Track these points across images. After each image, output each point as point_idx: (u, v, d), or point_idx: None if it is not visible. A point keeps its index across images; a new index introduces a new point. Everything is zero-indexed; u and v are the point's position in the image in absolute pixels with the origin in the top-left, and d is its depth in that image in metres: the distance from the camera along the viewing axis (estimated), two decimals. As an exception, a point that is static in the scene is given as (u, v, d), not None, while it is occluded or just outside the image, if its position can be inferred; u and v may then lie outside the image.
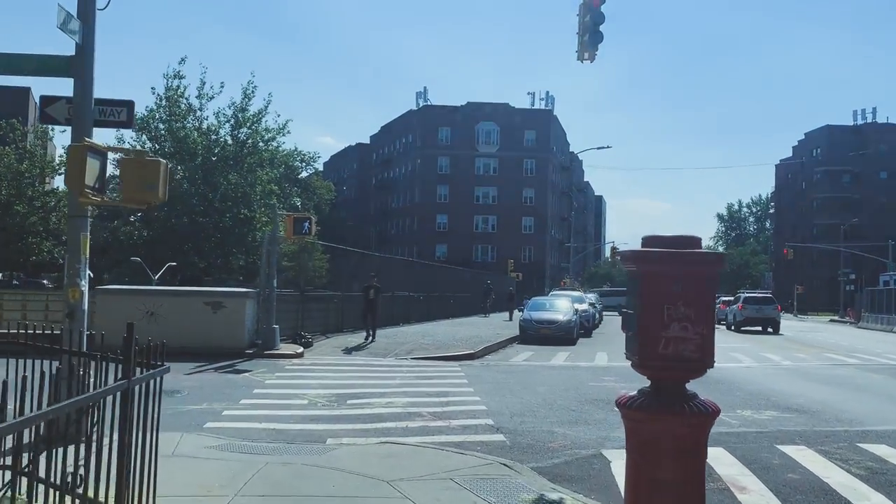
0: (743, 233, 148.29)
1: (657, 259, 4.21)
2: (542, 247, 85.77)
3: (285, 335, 18.65)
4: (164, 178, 7.87)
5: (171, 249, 42.17)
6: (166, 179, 7.94)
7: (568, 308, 25.76)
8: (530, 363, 17.78)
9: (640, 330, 4.29)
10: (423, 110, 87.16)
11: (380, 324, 26.07)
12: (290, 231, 17.68)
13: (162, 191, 7.83)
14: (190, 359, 15.92)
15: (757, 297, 38.84)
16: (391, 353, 18.39)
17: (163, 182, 7.85)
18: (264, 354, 16.82)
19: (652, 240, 4.33)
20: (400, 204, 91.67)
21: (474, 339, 22.60)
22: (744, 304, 37.17)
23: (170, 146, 42.49)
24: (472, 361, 17.67)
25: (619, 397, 4.62)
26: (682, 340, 4.12)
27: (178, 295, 17.55)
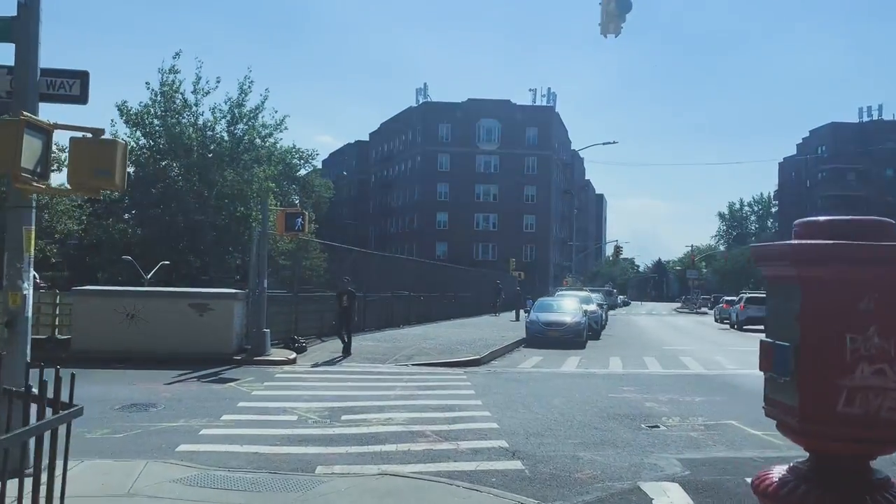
0: (744, 231, 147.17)
1: (835, 256, 2.67)
2: (545, 245, 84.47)
3: (277, 339, 17.41)
4: (122, 161, 6.62)
5: (165, 248, 41.12)
6: (124, 163, 6.68)
7: (576, 309, 24.51)
8: (540, 370, 16.53)
9: (802, 375, 2.74)
10: (424, 107, 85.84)
11: (380, 326, 24.92)
12: (280, 227, 16.41)
13: (119, 177, 6.57)
14: (172, 366, 14.69)
15: (759, 298, 37.58)
16: (390, 358, 17.14)
17: (120, 166, 6.59)
18: (254, 361, 15.57)
19: (815, 226, 2.83)
20: (400, 202, 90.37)
21: (479, 342, 21.35)
22: (745, 304, 37.66)
23: (164, 142, 41.42)
24: (477, 368, 16.42)
25: (760, 478, 3.00)
26: (878, 392, 2.54)
27: (160, 296, 16.29)
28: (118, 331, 15.53)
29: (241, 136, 42.87)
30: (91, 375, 13.38)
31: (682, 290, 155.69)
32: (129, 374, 13.71)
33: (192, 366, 14.70)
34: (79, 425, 9.85)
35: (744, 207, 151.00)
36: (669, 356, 20.62)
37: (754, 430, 9.71)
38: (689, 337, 31.47)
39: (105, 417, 10.03)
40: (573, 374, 15.97)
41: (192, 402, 11.32)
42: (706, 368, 17.72)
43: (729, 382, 14.98)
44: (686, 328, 40.20)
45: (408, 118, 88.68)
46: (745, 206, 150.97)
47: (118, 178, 6.55)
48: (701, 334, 34.16)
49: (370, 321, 24.53)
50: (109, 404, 10.90)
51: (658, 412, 11.15)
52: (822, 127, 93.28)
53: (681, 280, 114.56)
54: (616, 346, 23.94)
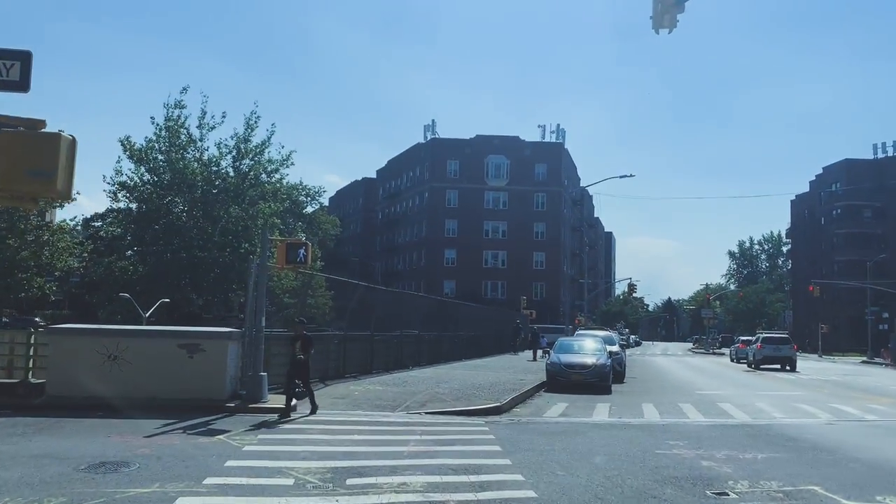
0: (755, 270, 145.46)
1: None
2: (555, 283, 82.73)
3: (276, 383, 15.71)
4: (68, 161, 5.13)
5: (167, 286, 39.85)
6: (71, 164, 5.19)
7: (600, 350, 22.77)
8: (569, 419, 14.76)
9: None
10: (432, 143, 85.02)
11: (388, 367, 23.21)
12: (281, 259, 14.85)
13: (63, 181, 5.08)
14: (158, 413, 13.03)
15: (774, 338, 40.29)
16: (401, 405, 15.42)
17: (65, 168, 5.09)
18: (248, 409, 13.88)
19: None
20: (407, 239, 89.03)
21: (497, 386, 19.61)
22: (762, 344, 38.85)
23: (169, 178, 40.41)
24: (498, 417, 14.68)
25: None
26: None
27: (146, 336, 14.67)
28: (98, 374, 13.91)
29: (246, 172, 41.85)
30: (62, 427, 11.76)
31: (693, 330, 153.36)
32: (106, 425, 12.05)
33: (179, 414, 13.05)
34: (30, 492, 8.24)
35: (754, 246, 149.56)
36: (706, 403, 18.82)
37: (848, 500, 8.00)
38: (717, 379, 29.60)
39: (65, 481, 8.38)
40: (607, 424, 14.21)
41: (173, 460, 9.64)
42: (752, 417, 15.93)
43: (785, 434, 13.22)
44: (708, 369, 38.32)
45: (415, 154, 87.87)
46: (756, 244, 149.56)
47: (61, 181, 5.05)
48: (727, 376, 32.29)
49: (377, 363, 22.83)
50: (75, 463, 9.25)
51: (720, 474, 9.42)
52: (835, 164, 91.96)
53: (694, 319, 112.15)
54: (644, 391, 22.15)
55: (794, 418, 15.91)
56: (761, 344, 39.23)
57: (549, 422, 14.30)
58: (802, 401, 19.94)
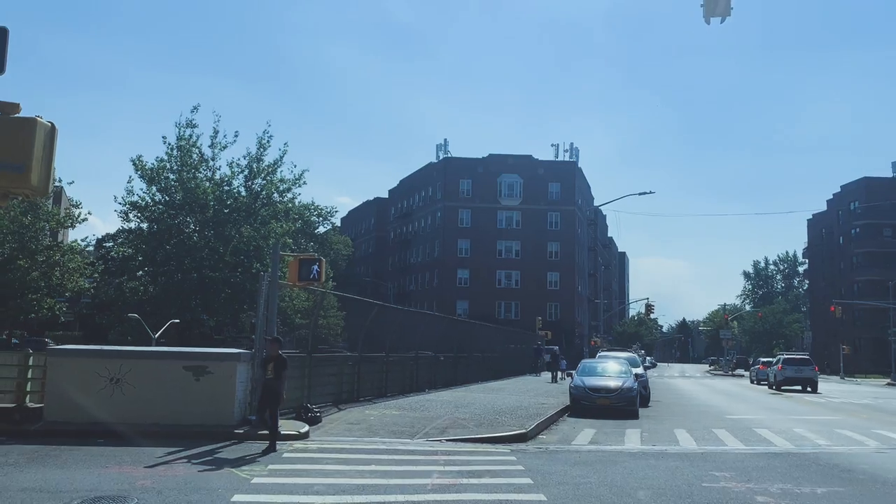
0: (771, 290, 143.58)
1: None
2: (570, 304, 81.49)
3: (287, 408, 14.83)
4: (45, 151, 4.34)
5: (177, 306, 39.27)
6: (50, 155, 4.41)
7: (625, 373, 21.75)
8: (600, 448, 13.77)
9: None
10: (444, 163, 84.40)
11: (404, 391, 22.29)
12: (294, 275, 14.04)
13: (38, 173, 4.29)
14: (162, 440, 12.19)
15: (795, 359, 40.33)
16: (420, 431, 14.50)
17: (41, 158, 4.31)
18: (258, 435, 12.97)
19: None
20: (419, 259, 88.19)
21: (519, 411, 18.64)
22: (783, 365, 38.85)
23: (180, 197, 40.00)
24: (525, 445, 13.72)
25: None
26: None
27: (150, 357, 13.84)
28: (99, 398, 13.10)
29: (258, 191, 41.35)
30: (58, 456, 10.92)
31: (708, 351, 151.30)
32: (106, 453, 11.21)
33: (184, 441, 12.20)
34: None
35: (769, 266, 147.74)
36: (742, 428, 17.75)
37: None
38: (744, 402, 28.44)
39: (53, 519, 7.55)
40: (642, 453, 13.21)
41: (175, 494, 8.79)
42: (795, 445, 14.88)
43: (837, 464, 12.19)
44: (732, 392, 37.15)
45: (428, 174, 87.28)
46: (771, 264, 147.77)
47: (36, 175, 4.27)
48: (753, 399, 31.10)
49: (392, 386, 21.91)
50: (67, 497, 8.43)
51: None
52: (854, 182, 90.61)
53: (713, 340, 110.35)
54: (672, 416, 21.08)
55: (841, 446, 14.85)
56: (782, 365, 39.13)
57: (580, 450, 13.32)
58: (842, 426, 18.83)
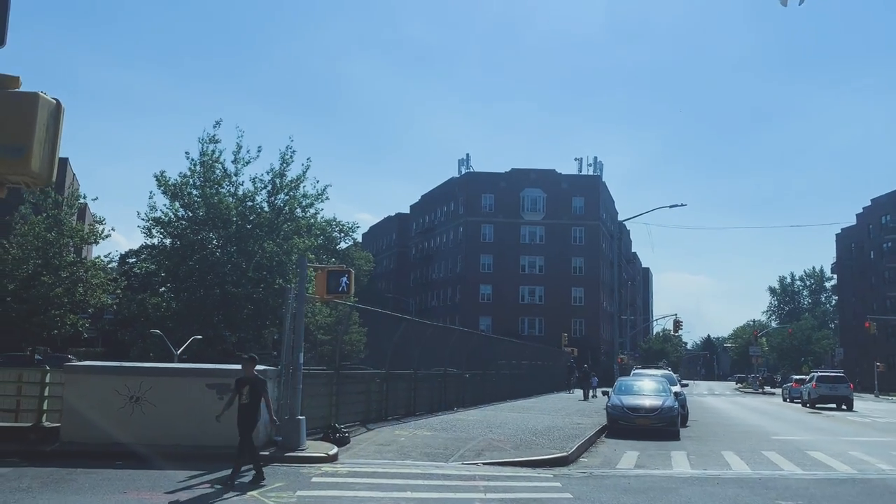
0: (797, 307, 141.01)
1: None
2: (595, 320, 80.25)
3: (314, 427, 14.12)
4: (49, 132, 3.68)
5: (200, 322, 38.91)
6: (54, 137, 3.75)
7: (665, 391, 20.78)
8: (649, 472, 12.85)
9: None
10: (466, 177, 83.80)
11: (432, 409, 21.48)
12: (321, 288, 13.34)
13: (40, 157, 3.64)
14: (183, 462, 11.50)
15: (830, 376, 40.01)
16: (454, 453, 13.67)
17: (45, 140, 3.65)
18: (285, 458, 12.26)
19: None
20: (441, 274, 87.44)
21: (554, 431, 17.74)
22: (817, 383, 38.45)
23: (203, 213, 39.77)
24: (567, 469, 12.84)
25: None
26: None
27: (172, 374, 13.16)
28: (119, 417, 12.44)
29: (281, 207, 41.01)
30: (73, 479, 10.25)
31: (734, 368, 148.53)
32: (123, 477, 10.53)
33: (207, 464, 11.49)
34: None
35: (795, 281, 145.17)
36: (792, 450, 16.72)
37: None
38: (785, 422, 27.27)
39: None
40: (695, 478, 12.28)
41: (196, 524, 8.07)
42: (857, 469, 13.86)
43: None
44: (768, 410, 35.95)
45: (450, 189, 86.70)
46: (797, 280, 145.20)
47: (38, 160, 3.65)
48: (792, 418, 29.90)
49: (421, 404, 21.11)
50: (80, 529, 7.72)
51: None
52: (885, 195, 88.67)
53: (742, 356, 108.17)
54: (714, 436, 20.04)
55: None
56: (816, 383, 38.65)
57: (628, 475, 12.42)
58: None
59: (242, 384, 10.93)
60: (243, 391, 10.84)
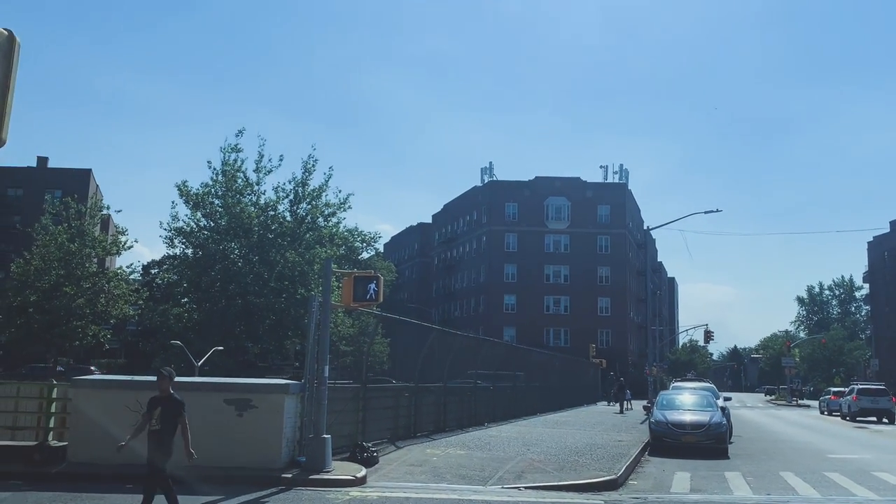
0: (826, 317, 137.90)
1: None
2: (622, 330, 78.62)
3: (340, 446, 13.10)
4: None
5: (221, 333, 38.30)
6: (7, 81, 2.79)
7: (712, 406, 19.52)
8: (708, 498, 11.63)
9: None
10: (489, 186, 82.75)
11: (462, 424, 20.38)
12: (348, 296, 12.37)
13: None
14: (199, 486, 10.50)
15: (871, 389, 39.37)
16: (492, 475, 12.57)
17: None
18: (309, 481, 11.24)
19: None
20: (464, 284, 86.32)
21: (597, 450, 16.56)
22: (858, 396, 37.70)
23: (225, 222, 39.25)
24: (617, 495, 11.70)
25: None
26: None
27: (187, 389, 12.12)
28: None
29: (303, 216, 40.35)
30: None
31: (761, 379, 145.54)
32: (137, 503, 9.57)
33: (224, 488, 10.52)
34: None
35: (824, 291, 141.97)
36: (856, 471, 15.39)
37: None
38: (833, 438, 25.79)
39: None
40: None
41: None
42: (936, 494, 12.56)
43: None
44: (810, 424, 34.37)
45: (473, 198, 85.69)
46: (826, 289, 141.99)
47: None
48: (840, 433, 28.38)
49: (450, 419, 20.02)
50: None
51: None
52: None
53: (773, 368, 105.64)
54: (765, 455, 18.71)
55: None
56: (857, 395, 37.77)
57: (685, 500, 11.24)
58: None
59: (154, 406, 8.74)
60: (155, 414, 8.69)
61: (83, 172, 73.40)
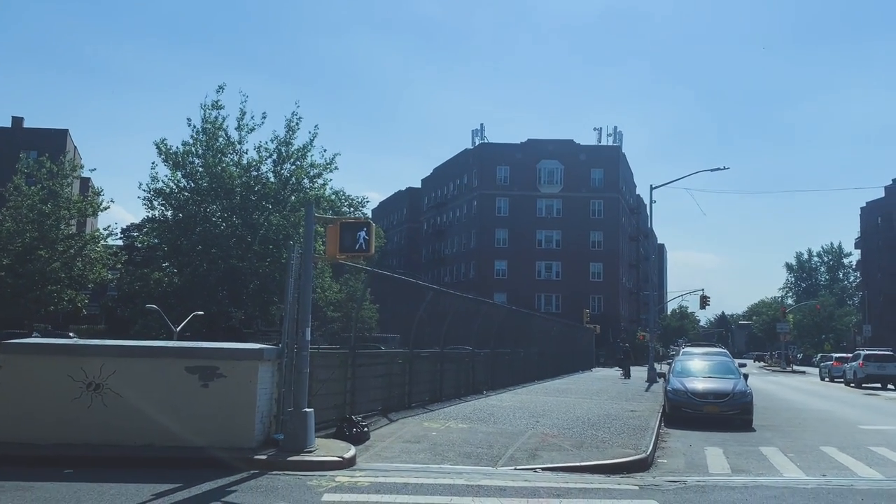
0: (815, 283, 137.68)
1: None
2: (614, 296, 77.24)
3: (324, 420, 11.33)
4: None
5: (203, 298, 36.53)
6: None
7: (734, 373, 17.89)
8: (757, 481, 9.89)
9: None
10: (480, 148, 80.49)
11: (459, 393, 18.70)
12: (333, 246, 10.47)
13: None
14: (154, 471, 8.73)
15: (878, 355, 38.64)
16: (502, 454, 10.83)
17: None
18: (287, 463, 9.44)
19: None
20: (454, 250, 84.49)
21: (613, 422, 14.89)
22: (865, 362, 37.20)
23: (206, 183, 37.28)
24: (652, 478, 9.96)
25: None
26: None
27: (142, 355, 10.32)
28: (73, 410, 9.68)
29: (288, 177, 38.30)
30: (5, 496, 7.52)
31: (749, 346, 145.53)
32: (69, 495, 7.75)
33: (185, 472, 8.73)
34: None
35: (813, 258, 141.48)
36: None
37: None
38: (853, 406, 24.34)
39: None
40: (824, 490, 9.32)
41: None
42: None
43: None
44: (818, 391, 33.23)
45: (463, 161, 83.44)
46: (815, 256, 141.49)
47: None
48: (853, 401, 27.04)
49: (447, 388, 18.32)
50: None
51: None
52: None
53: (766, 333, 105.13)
54: (792, 426, 17.07)
55: None
56: (863, 361, 37.17)
57: (731, 485, 9.51)
58: None
59: None
60: None
61: (60, 133, 70.71)
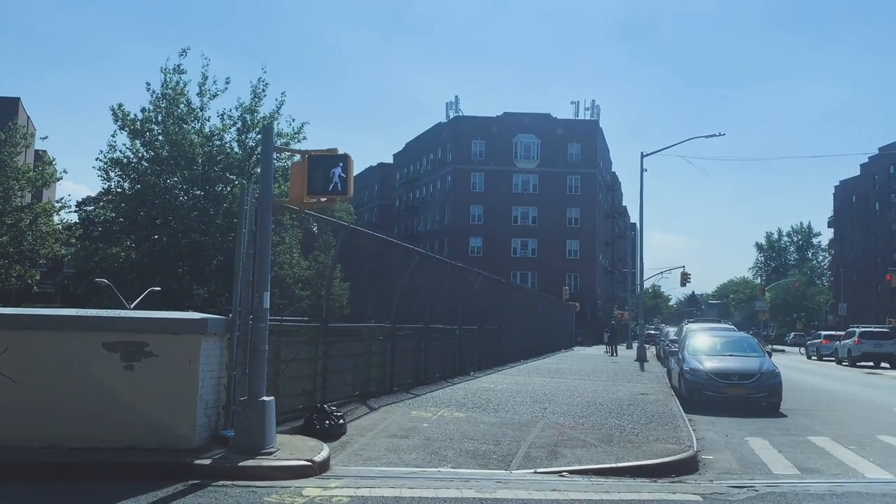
0: (784, 263, 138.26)
1: None
2: (591, 273, 75.59)
3: (290, 410, 9.00)
4: None
5: (163, 274, 33.88)
6: None
7: (756, 351, 15.90)
8: (841, 486, 7.80)
9: None
10: (454, 122, 77.89)
11: (445, 374, 16.49)
12: (299, 187, 8.06)
13: None
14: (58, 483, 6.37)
15: (874, 332, 38.19)
16: (514, 452, 8.61)
17: None
18: (238, 470, 7.09)
19: None
20: (428, 227, 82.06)
21: (627, 407, 12.77)
22: (860, 339, 36.96)
23: (166, 152, 34.50)
24: (710, 482, 7.83)
25: None
26: None
27: (46, 327, 7.84)
28: (-49, 402, 7.23)
29: (253, 147, 35.67)
30: None
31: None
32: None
33: (100, 484, 6.38)
34: None
35: (783, 238, 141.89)
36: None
37: None
38: (862, 386, 22.79)
39: None
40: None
41: None
42: None
43: None
44: (815, 370, 32.44)
45: (437, 135, 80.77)
46: (785, 236, 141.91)
47: None
48: (859, 380, 25.72)
49: (432, 368, 16.08)
50: None
51: None
52: (892, 144, 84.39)
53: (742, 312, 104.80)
54: (826, 411, 15.08)
55: None
56: (859, 339, 36.80)
57: (815, 491, 7.40)
58: None
59: None
60: None
61: (11, 101, 66.50)
